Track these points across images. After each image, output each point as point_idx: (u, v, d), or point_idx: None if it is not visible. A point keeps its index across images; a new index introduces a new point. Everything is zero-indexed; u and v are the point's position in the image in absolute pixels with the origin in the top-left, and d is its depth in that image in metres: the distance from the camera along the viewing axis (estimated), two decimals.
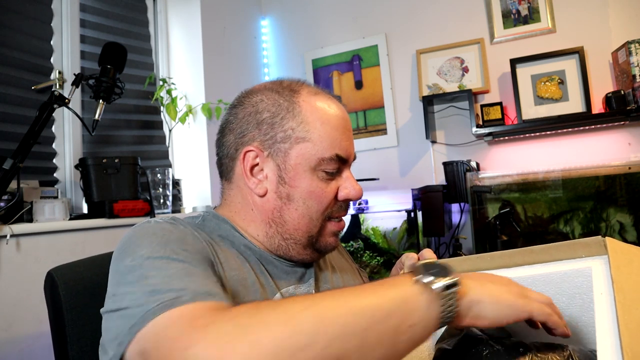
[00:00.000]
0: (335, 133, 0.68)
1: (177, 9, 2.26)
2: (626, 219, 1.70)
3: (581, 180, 1.78)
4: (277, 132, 0.67)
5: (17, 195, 1.34)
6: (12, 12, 1.58)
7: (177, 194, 2.00)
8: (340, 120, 0.70)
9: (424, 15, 2.35)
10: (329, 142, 0.67)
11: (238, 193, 0.72)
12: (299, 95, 0.69)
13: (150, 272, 0.51)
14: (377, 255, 2.13)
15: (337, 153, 0.68)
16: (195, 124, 2.18)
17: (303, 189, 0.67)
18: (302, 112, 0.68)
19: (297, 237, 0.69)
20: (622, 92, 1.83)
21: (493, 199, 1.90)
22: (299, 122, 0.67)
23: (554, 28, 2.09)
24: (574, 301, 0.58)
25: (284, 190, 0.68)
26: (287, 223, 0.69)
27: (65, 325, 0.72)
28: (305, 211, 0.68)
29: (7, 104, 1.53)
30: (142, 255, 0.54)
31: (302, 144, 0.67)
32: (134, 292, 0.49)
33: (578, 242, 0.59)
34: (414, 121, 2.34)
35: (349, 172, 0.72)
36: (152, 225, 0.60)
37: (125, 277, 0.53)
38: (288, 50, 2.69)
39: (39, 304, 1.33)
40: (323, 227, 0.70)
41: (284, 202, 0.68)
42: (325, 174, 0.68)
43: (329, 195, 0.69)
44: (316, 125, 0.67)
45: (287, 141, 0.67)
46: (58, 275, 0.74)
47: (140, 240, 0.57)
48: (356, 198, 0.71)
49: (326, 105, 0.70)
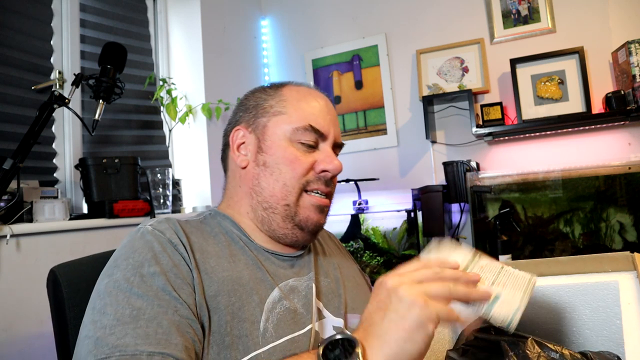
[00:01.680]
0: (310, 109, 0.74)
1: (177, 9, 2.26)
2: (626, 219, 1.70)
3: (581, 180, 1.78)
4: (259, 110, 0.76)
5: (17, 195, 1.34)
6: (12, 12, 1.58)
7: (177, 194, 2.00)
8: (318, 102, 0.76)
9: (424, 15, 2.35)
10: (304, 114, 0.73)
11: (232, 177, 0.78)
12: (284, 87, 0.78)
13: (110, 306, 0.55)
14: (377, 255, 2.13)
15: (311, 123, 0.72)
16: (195, 124, 2.18)
17: (279, 155, 0.72)
18: (282, 94, 0.76)
19: (274, 204, 0.72)
20: (622, 92, 1.83)
21: (493, 199, 1.91)
22: (277, 101, 0.75)
23: (554, 28, 2.09)
24: (597, 314, 0.58)
25: (261, 158, 0.73)
26: (264, 190, 0.72)
27: (68, 323, 0.72)
28: (279, 176, 0.71)
29: (7, 104, 1.53)
30: (115, 279, 0.58)
31: (279, 116, 0.74)
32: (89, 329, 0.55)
33: (606, 256, 0.60)
34: (414, 121, 2.34)
35: (330, 149, 0.75)
36: (138, 238, 0.63)
37: (95, 300, 0.58)
38: (288, 50, 2.69)
39: (39, 304, 1.34)
40: (300, 198, 0.72)
41: (261, 169, 0.73)
42: (302, 144, 0.72)
43: (303, 164, 0.71)
44: (292, 101, 0.74)
45: (266, 115, 0.75)
46: (60, 273, 0.74)
47: (122, 258, 0.61)
48: (333, 171, 0.73)
49: (306, 91, 0.77)
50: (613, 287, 0.57)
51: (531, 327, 0.62)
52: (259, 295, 0.65)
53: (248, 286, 0.65)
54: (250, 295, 0.64)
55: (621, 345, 0.52)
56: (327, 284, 0.75)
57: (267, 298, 0.65)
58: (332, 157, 0.73)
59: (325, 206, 0.74)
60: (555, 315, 0.62)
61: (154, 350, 0.52)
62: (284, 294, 0.67)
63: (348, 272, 0.83)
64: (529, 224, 1.84)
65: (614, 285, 0.57)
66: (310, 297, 0.69)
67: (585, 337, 0.59)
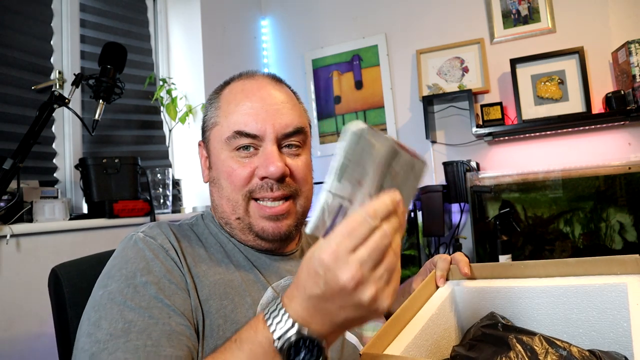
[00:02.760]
0: (237, 109, 0.68)
1: (177, 9, 2.26)
2: (626, 219, 1.70)
3: (581, 180, 1.78)
4: (207, 123, 0.74)
5: (17, 195, 1.34)
6: (12, 12, 1.58)
7: (177, 194, 2.00)
8: (249, 99, 0.68)
9: (424, 15, 2.35)
10: (233, 120, 0.68)
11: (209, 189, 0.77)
12: (227, 86, 0.74)
13: (104, 320, 0.55)
14: None
15: (236, 129, 0.66)
16: (195, 124, 2.18)
17: (220, 170, 0.70)
18: (219, 100, 0.72)
19: (227, 219, 0.70)
20: (622, 92, 1.83)
21: (493, 199, 1.90)
22: (215, 109, 0.72)
23: (554, 28, 2.09)
24: (605, 316, 0.58)
25: (211, 175, 0.73)
26: (217, 206, 0.72)
27: (69, 322, 0.73)
28: (223, 192, 0.70)
29: (7, 104, 1.53)
30: (109, 291, 0.58)
31: (215, 127, 0.71)
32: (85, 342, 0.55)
33: (614, 258, 0.61)
34: (414, 121, 2.34)
35: (272, 148, 0.66)
36: (130, 247, 0.63)
37: (90, 311, 0.58)
38: (288, 50, 2.69)
39: (39, 303, 1.33)
40: (248, 208, 0.68)
41: (212, 185, 0.73)
42: (240, 152, 0.68)
43: (239, 175, 0.67)
44: (224, 107, 0.70)
45: (208, 129, 0.73)
46: (62, 273, 0.75)
47: (115, 268, 0.61)
48: (273, 175, 0.65)
49: (242, 86, 0.71)
50: (621, 290, 0.57)
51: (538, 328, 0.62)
52: (251, 297, 0.65)
53: (240, 288, 0.65)
54: (243, 297, 0.64)
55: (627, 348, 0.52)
56: None
57: (260, 299, 0.65)
58: (270, 159, 0.65)
59: (279, 214, 0.67)
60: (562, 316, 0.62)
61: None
62: (277, 294, 0.67)
63: None
64: (529, 224, 1.84)
65: (622, 288, 0.57)
66: None
67: (591, 339, 0.59)
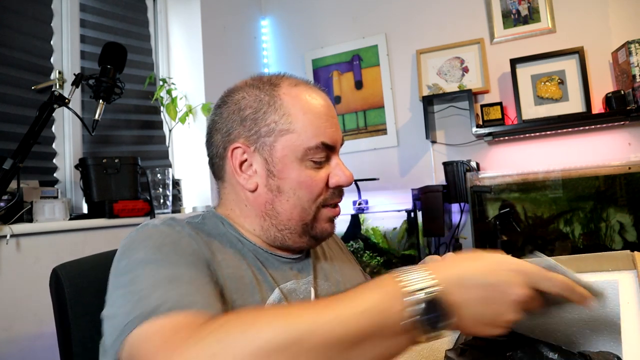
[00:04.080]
0: (318, 121, 0.69)
1: (177, 9, 2.26)
2: (626, 219, 1.70)
3: (581, 180, 1.78)
4: (260, 127, 0.68)
5: (17, 195, 1.34)
6: (12, 12, 1.58)
7: (177, 194, 2.00)
8: (322, 107, 0.70)
9: (424, 15, 2.35)
10: (313, 131, 0.68)
11: (231, 191, 0.73)
12: (279, 88, 0.70)
13: (139, 277, 0.53)
14: (377, 255, 2.13)
15: (323, 141, 0.68)
16: (195, 124, 2.18)
17: (292, 179, 0.68)
18: (283, 105, 0.69)
19: (291, 226, 0.70)
20: (622, 92, 1.83)
21: (493, 199, 1.90)
22: (281, 115, 0.68)
23: (554, 28, 2.09)
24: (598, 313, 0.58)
25: (273, 183, 0.69)
26: (280, 214, 0.70)
27: (70, 322, 0.73)
28: (297, 201, 0.69)
29: (7, 104, 1.53)
30: (135, 259, 0.56)
31: (287, 135, 0.68)
32: (122, 298, 0.52)
33: (605, 255, 0.60)
34: (414, 121, 2.34)
35: (338, 158, 0.72)
36: (149, 229, 0.62)
37: (118, 279, 0.56)
38: (288, 50, 2.69)
39: (39, 304, 1.34)
40: (317, 214, 0.71)
41: (274, 194, 0.69)
42: (313, 163, 0.69)
43: (319, 184, 0.69)
44: (298, 115, 0.68)
45: (271, 134, 0.68)
46: (63, 273, 0.75)
47: (136, 244, 0.59)
48: (347, 184, 0.72)
49: (307, 95, 0.70)
50: (613, 287, 0.56)
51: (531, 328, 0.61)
52: (260, 295, 0.65)
53: (251, 285, 0.65)
54: (252, 295, 0.64)
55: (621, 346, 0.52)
56: (327, 287, 0.75)
57: (267, 299, 0.65)
58: (343, 169, 0.72)
59: (337, 215, 0.74)
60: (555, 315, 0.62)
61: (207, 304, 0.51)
62: (284, 296, 0.67)
63: (350, 274, 0.83)
64: (529, 224, 1.84)
65: (613, 285, 0.57)
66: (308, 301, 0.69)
67: (585, 338, 0.59)
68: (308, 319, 0.42)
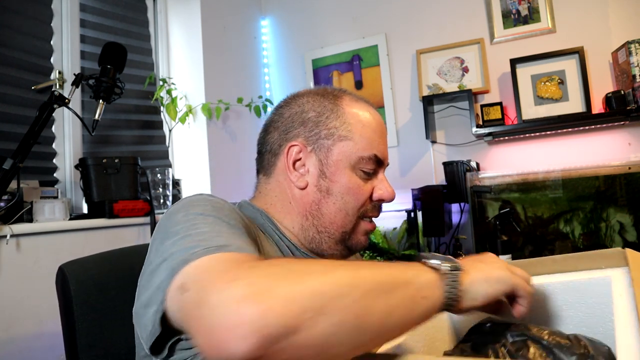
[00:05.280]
0: (373, 135, 0.74)
1: (177, 9, 2.26)
2: (626, 219, 1.70)
3: (581, 180, 1.78)
4: (321, 129, 0.73)
5: (17, 195, 1.34)
6: (12, 12, 1.58)
7: (177, 194, 2.00)
8: (378, 125, 0.76)
9: (424, 15, 2.35)
10: (368, 142, 0.73)
11: (277, 187, 0.75)
12: (342, 100, 0.75)
13: (201, 225, 0.53)
14: (377, 255, 2.13)
15: (375, 153, 0.73)
16: (195, 124, 2.18)
17: (342, 184, 0.71)
18: (345, 114, 0.74)
19: (331, 230, 0.72)
20: (622, 92, 1.83)
21: (493, 199, 1.90)
22: (342, 122, 0.73)
23: (554, 28, 2.09)
24: (594, 311, 0.59)
25: (324, 184, 0.72)
26: (324, 216, 0.72)
27: (75, 320, 0.74)
28: (343, 206, 0.72)
29: (7, 104, 1.53)
30: (195, 212, 0.56)
31: (344, 141, 0.72)
32: (181, 241, 0.50)
33: (598, 252, 0.61)
34: (414, 121, 2.34)
35: (384, 175, 0.76)
36: (205, 196, 0.63)
37: (174, 228, 0.54)
38: (288, 50, 2.69)
39: (39, 303, 1.34)
40: (357, 224, 0.74)
41: (323, 195, 0.72)
42: (363, 173, 0.73)
43: (365, 193, 0.73)
44: (357, 126, 0.73)
45: (330, 138, 0.72)
46: (69, 271, 0.76)
47: (194, 202, 0.60)
48: (389, 200, 0.75)
49: (366, 111, 0.76)
50: (606, 284, 0.57)
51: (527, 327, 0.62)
52: None
53: None
54: None
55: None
56: None
57: None
58: (387, 185, 0.75)
59: (374, 229, 0.77)
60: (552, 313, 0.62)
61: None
62: None
63: None
64: (529, 224, 1.84)
65: (607, 282, 0.57)
66: None
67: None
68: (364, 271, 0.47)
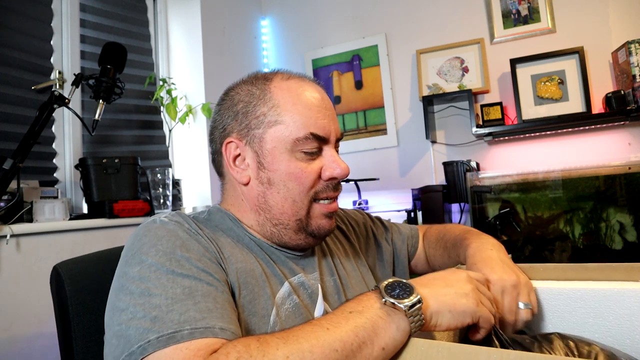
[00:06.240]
0: (308, 112, 0.68)
1: (177, 9, 2.26)
2: (626, 219, 1.70)
3: (581, 180, 1.78)
4: (250, 119, 0.69)
5: (17, 195, 1.34)
6: (12, 12, 1.58)
7: (177, 194, 2.00)
8: (313, 99, 0.70)
9: (424, 15, 2.35)
10: (302, 121, 0.67)
11: (230, 187, 0.74)
12: (271, 82, 0.71)
13: (155, 288, 0.52)
14: None
15: (312, 131, 0.68)
16: (195, 124, 2.18)
17: (282, 171, 0.68)
18: (273, 97, 0.69)
19: (285, 221, 0.69)
20: (622, 92, 1.83)
21: (493, 199, 1.90)
22: (270, 107, 0.68)
23: (554, 28, 2.09)
24: (622, 322, 0.58)
25: (264, 175, 0.69)
26: (272, 208, 0.69)
27: (71, 320, 0.72)
28: (287, 193, 0.68)
29: (7, 104, 1.53)
30: (149, 264, 0.55)
31: (275, 127, 0.68)
32: (136, 311, 0.51)
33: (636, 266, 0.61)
34: (414, 121, 2.34)
35: (333, 150, 0.71)
36: (158, 227, 0.61)
37: (130, 285, 0.54)
38: (288, 50, 2.69)
39: (39, 303, 1.34)
40: (310, 209, 0.70)
41: (265, 187, 0.69)
42: (305, 154, 0.68)
43: (310, 175, 0.68)
44: (287, 107, 0.68)
45: (260, 127, 0.68)
46: (64, 270, 0.74)
47: (147, 246, 0.58)
48: (342, 176, 0.70)
49: (298, 87, 0.71)
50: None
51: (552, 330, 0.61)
52: (270, 289, 0.64)
53: (261, 279, 0.64)
54: (263, 289, 0.64)
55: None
56: (333, 282, 0.75)
57: (277, 292, 0.65)
58: (338, 161, 0.70)
59: (334, 211, 0.73)
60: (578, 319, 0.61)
61: (224, 326, 0.50)
62: (293, 289, 0.67)
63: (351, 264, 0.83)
64: (529, 224, 1.84)
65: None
66: (315, 298, 0.69)
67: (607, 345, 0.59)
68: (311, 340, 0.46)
